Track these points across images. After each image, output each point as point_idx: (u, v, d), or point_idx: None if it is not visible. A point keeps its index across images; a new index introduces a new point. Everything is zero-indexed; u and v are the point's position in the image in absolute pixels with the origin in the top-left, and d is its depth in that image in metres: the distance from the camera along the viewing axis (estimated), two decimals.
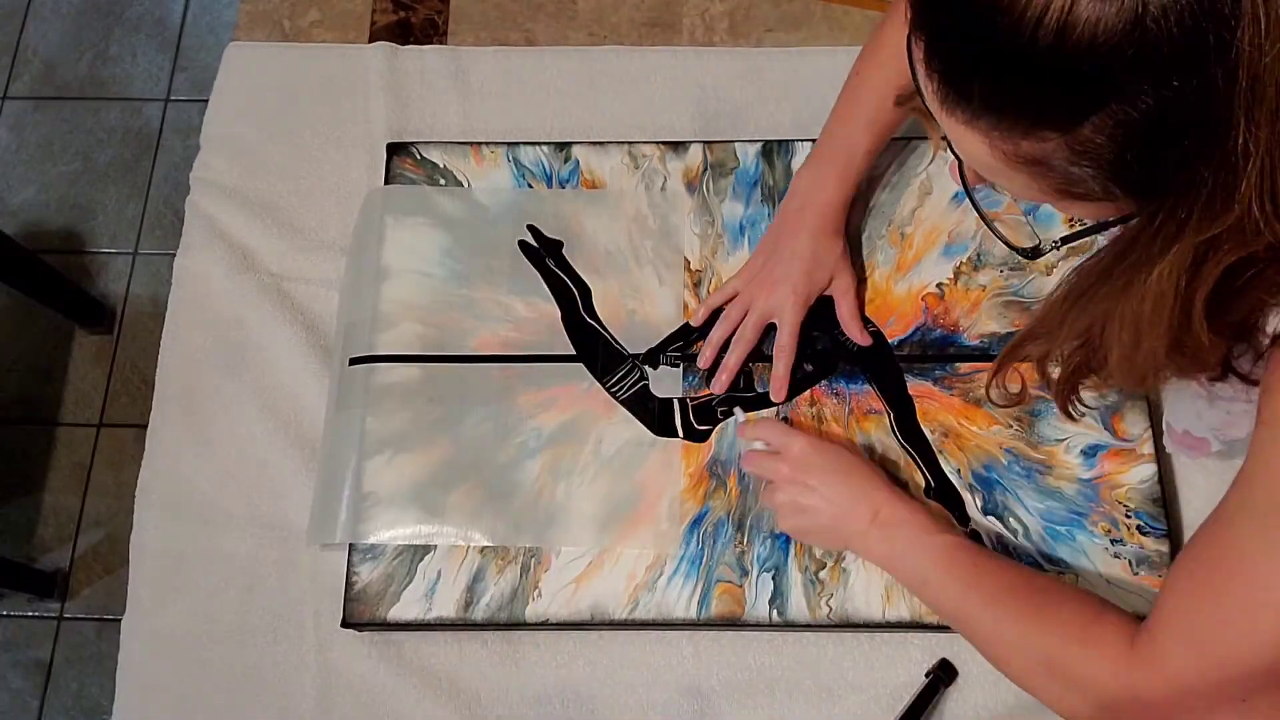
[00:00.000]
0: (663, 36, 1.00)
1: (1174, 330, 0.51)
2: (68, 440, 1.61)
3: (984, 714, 0.76)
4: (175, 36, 1.88)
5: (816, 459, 0.75)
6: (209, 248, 0.92)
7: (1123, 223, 0.51)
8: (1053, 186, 0.49)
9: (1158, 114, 0.42)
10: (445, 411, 0.83)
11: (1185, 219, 0.45)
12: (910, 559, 0.71)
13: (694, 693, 0.78)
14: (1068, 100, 0.44)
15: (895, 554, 0.72)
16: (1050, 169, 0.48)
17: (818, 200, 0.81)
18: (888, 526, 0.72)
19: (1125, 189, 0.47)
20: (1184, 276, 0.48)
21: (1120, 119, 0.43)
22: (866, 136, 0.80)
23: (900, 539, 0.71)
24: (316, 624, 0.81)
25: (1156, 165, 0.45)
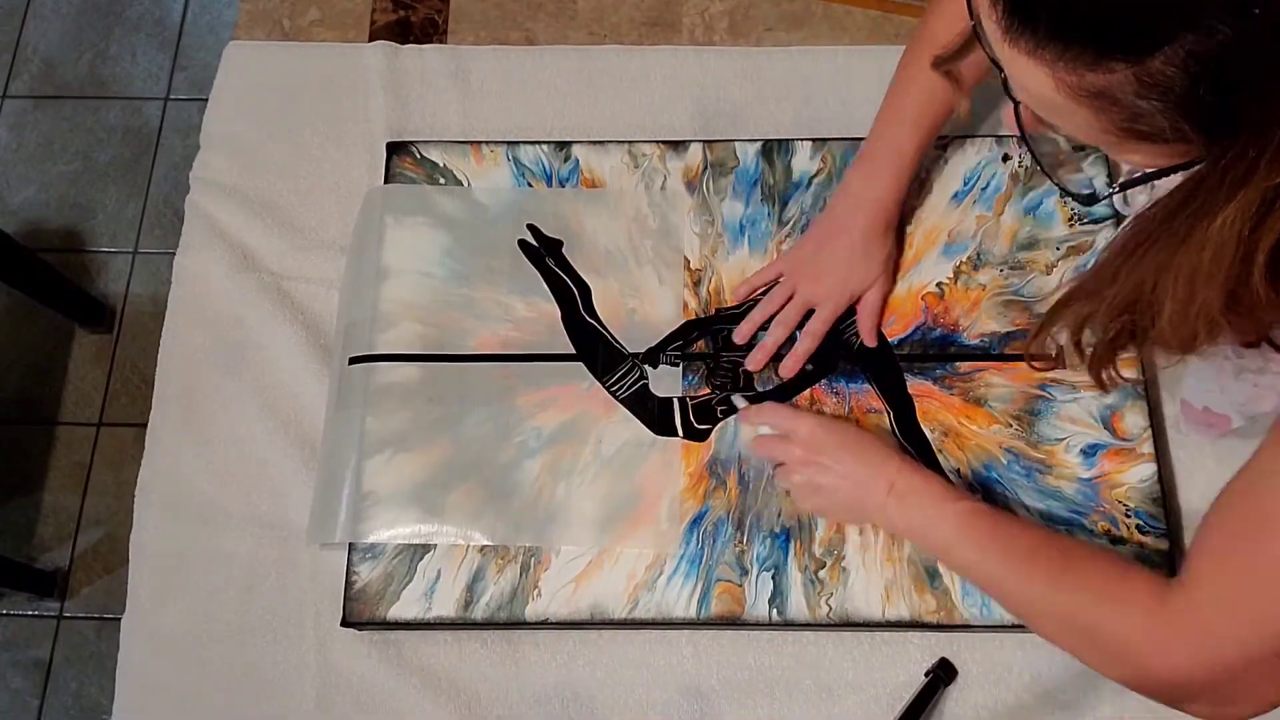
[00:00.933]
0: (663, 36, 1.00)
1: (1232, 284, 0.49)
2: (67, 440, 1.61)
3: (984, 714, 0.76)
4: (175, 36, 1.88)
5: (827, 437, 0.74)
6: (209, 247, 0.92)
7: (1185, 169, 0.49)
8: (1116, 124, 0.48)
9: (1235, 46, 0.41)
10: (445, 411, 0.82)
11: (1255, 161, 0.44)
12: (930, 528, 0.70)
13: (694, 692, 0.78)
14: (1139, 28, 0.42)
15: (915, 524, 0.71)
16: (1115, 104, 0.46)
17: (869, 198, 0.81)
18: (905, 497, 0.71)
19: (1195, 126, 0.45)
20: (1248, 225, 0.46)
21: (1194, 50, 0.41)
22: (915, 133, 0.80)
23: (918, 509, 0.71)
24: (316, 623, 0.81)
25: (1230, 102, 0.43)
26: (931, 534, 0.70)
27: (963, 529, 0.69)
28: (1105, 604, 0.62)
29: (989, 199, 0.88)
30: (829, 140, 0.91)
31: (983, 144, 0.89)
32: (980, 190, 0.88)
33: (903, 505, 0.71)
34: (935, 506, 0.70)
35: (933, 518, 0.70)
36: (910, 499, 0.71)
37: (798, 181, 0.89)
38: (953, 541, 0.69)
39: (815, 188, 0.89)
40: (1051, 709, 0.76)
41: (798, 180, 0.89)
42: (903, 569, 0.77)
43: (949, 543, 0.70)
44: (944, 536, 0.70)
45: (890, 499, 0.71)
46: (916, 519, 0.71)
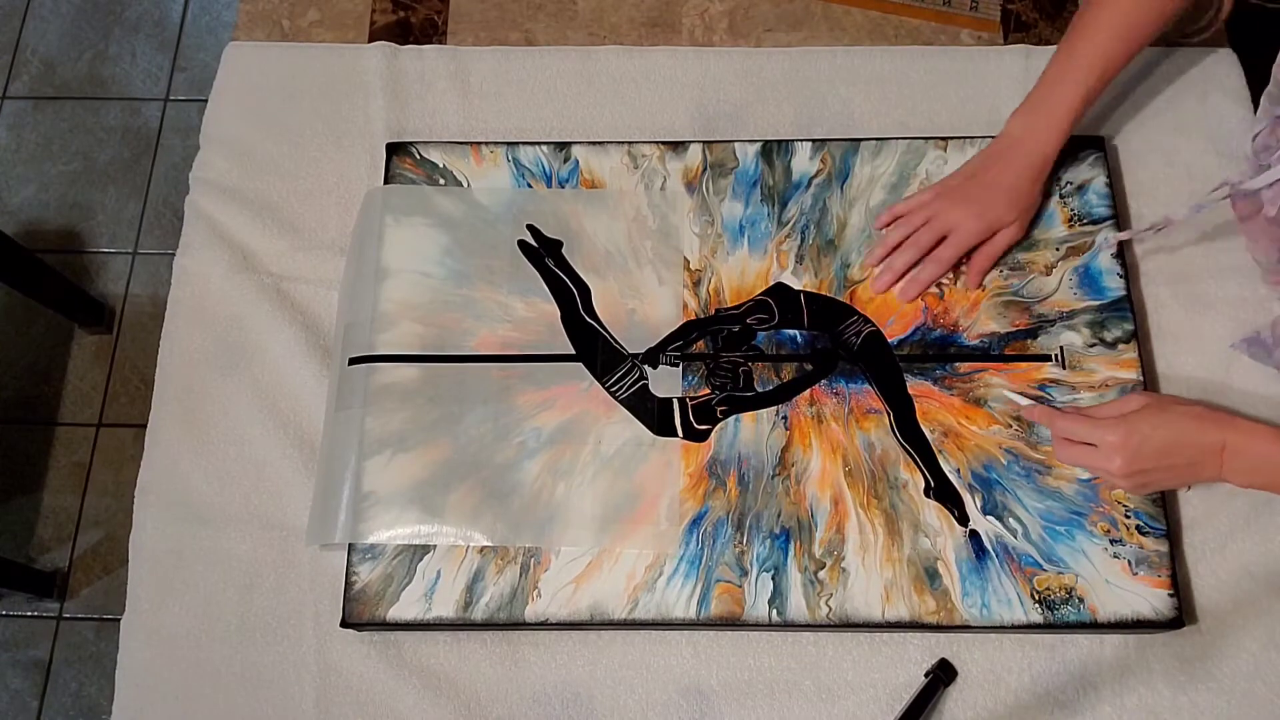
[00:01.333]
0: (662, 36, 1.00)
1: None
2: (67, 440, 1.61)
3: (984, 714, 0.76)
4: (175, 36, 1.88)
5: (1141, 445, 0.72)
6: (208, 247, 0.92)
7: None
8: None
9: None
10: (445, 411, 0.83)
11: None
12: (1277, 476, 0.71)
13: (693, 693, 0.78)
14: None
15: (1261, 483, 0.71)
16: None
17: (1027, 145, 0.82)
18: (1242, 464, 0.71)
19: None
20: None
21: None
22: (1079, 90, 0.80)
23: (1264, 470, 0.71)
24: (316, 624, 0.81)
25: None
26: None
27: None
28: None
29: None
30: (829, 141, 0.91)
31: (982, 144, 0.89)
32: None
33: (1243, 470, 0.71)
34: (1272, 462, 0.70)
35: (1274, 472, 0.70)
36: (1250, 464, 0.71)
37: (797, 182, 0.89)
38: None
39: (815, 188, 0.89)
40: (1051, 709, 0.76)
41: (797, 181, 0.89)
42: (902, 570, 0.77)
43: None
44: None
45: (1226, 469, 0.71)
46: (1265, 477, 0.71)
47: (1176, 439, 0.72)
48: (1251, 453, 0.70)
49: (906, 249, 0.84)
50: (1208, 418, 0.72)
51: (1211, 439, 0.71)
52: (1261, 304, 0.86)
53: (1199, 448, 0.71)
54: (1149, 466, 0.72)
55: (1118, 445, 0.71)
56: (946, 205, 0.83)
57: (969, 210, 0.82)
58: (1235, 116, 0.93)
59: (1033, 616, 0.76)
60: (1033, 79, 0.82)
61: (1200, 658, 0.77)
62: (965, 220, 0.82)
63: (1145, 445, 0.71)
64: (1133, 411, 0.73)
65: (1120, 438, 0.71)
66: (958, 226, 0.82)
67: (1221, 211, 0.89)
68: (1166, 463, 0.72)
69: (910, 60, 0.96)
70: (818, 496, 0.80)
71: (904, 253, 0.84)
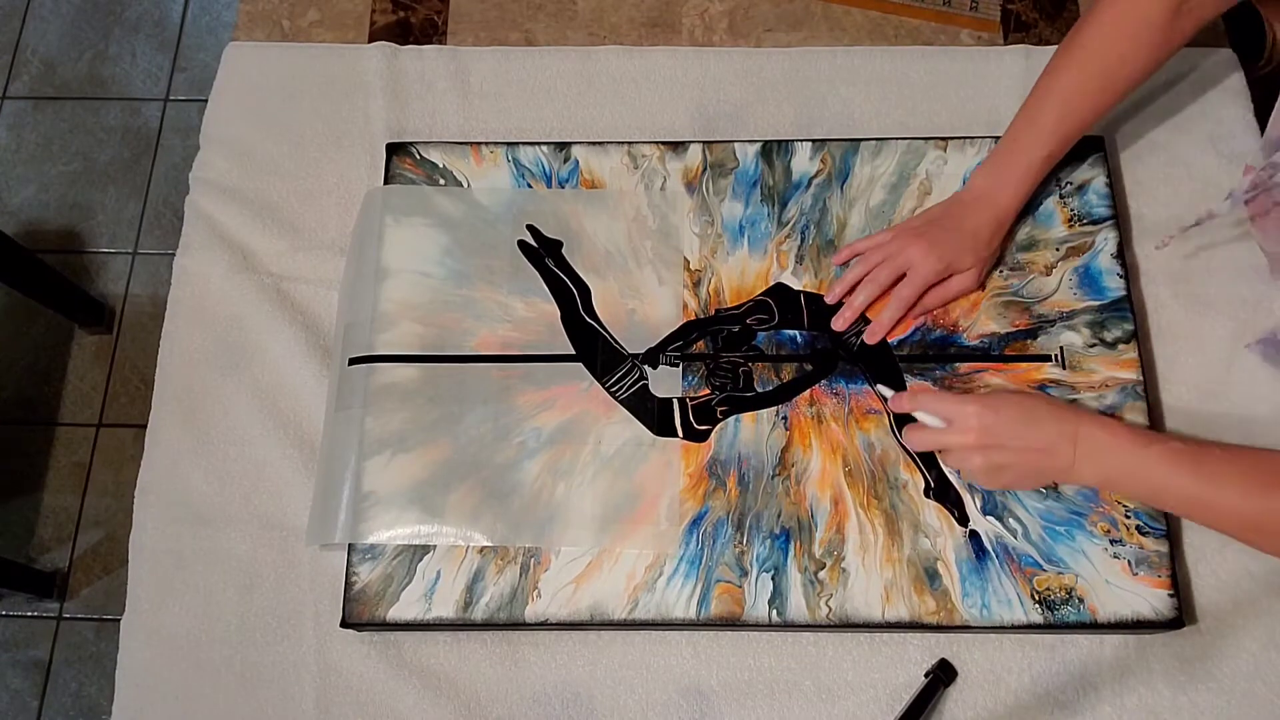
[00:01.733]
0: (662, 36, 1.00)
1: None
2: (67, 440, 1.61)
3: (984, 714, 0.76)
4: (175, 36, 1.88)
5: (995, 417, 0.72)
6: (208, 247, 0.92)
7: None
8: None
9: None
10: (445, 411, 0.83)
11: None
12: (1133, 475, 0.70)
13: (693, 693, 0.78)
14: None
15: (1113, 475, 0.71)
16: None
17: (994, 199, 0.82)
18: (1094, 454, 0.70)
19: None
20: None
21: None
22: (1049, 143, 0.80)
23: (1114, 461, 0.70)
24: (316, 624, 0.81)
25: None
26: (1137, 481, 0.70)
27: (1173, 466, 0.68)
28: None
29: None
30: (829, 141, 0.91)
31: (983, 144, 0.89)
32: None
33: (1094, 461, 0.70)
34: (1132, 454, 0.69)
35: (1133, 465, 0.69)
36: (1101, 455, 0.70)
37: (797, 182, 0.89)
38: (1165, 481, 0.68)
39: (815, 188, 0.89)
40: (1051, 709, 0.76)
41: (797, 181, 0.89)
42: (902, 570, 0.77)
43: (1161, 484, 0.69)
44: (1153, 480, 0.69)
45: (1079, 457, 0.71)
46: (1114, 471, 0.70)
47: (1032, 416, 0.72)
48: (1102, 439, 0.70)
49: (866, 285, 0.83)
50: (1066, 406, 0.73)
51: (1067, 422, 0.71)
52: (1261, 304, 0.86)
53: (1054, 431, 0.71)
54: (1003, 443, 0.72)
55: (973, 415, 0.72)
56: (904, 244, 0.82)
57: (928, 250, 0.81)
58: (1235, 116, 0.93)
59: (1033, 617, 0.76)
60: (1033, 79, 0.82)
61: (1200, 658, 0.77)
62: (923, 259, 0.81)
63: (1000, 417, 0.72)
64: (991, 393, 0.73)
65: (976, 409, 0.72)
66: (915, 264, 0.82)
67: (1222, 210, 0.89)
68: (1021, 443, 0.72)
69: (910, 60, 0.96)
70: (818, 497, 0.80)
71: (864, 289, 0.83)
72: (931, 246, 0.81)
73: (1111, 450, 0.70)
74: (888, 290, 0.83)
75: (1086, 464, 0.71)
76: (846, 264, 0.86)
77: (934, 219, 0.83)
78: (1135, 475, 0.70)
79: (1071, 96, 0.79)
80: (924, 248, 0.81)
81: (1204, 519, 0.70)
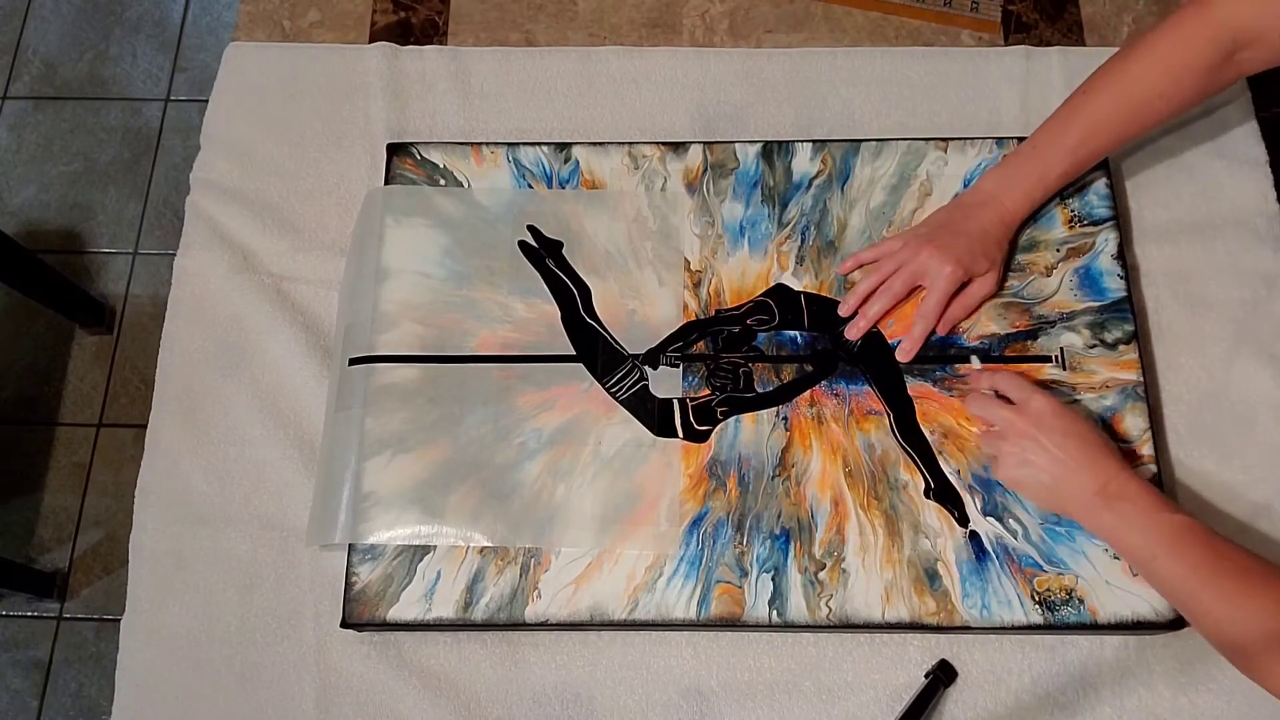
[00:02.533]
0: (663, 37, 1.00)
1: None
2: (67, 440, 1.61)
3: (984, 715, 0.76)
4: (175, 37, 1.88)
5: (1056, 419, 0.73)
6: (209, 248, 0.92)
7: None
8: None
9: None
10: (445, 412, 0.83)
11: None
12: (1139, 535, 0.69)
13: (693, 693, 0.78)
14: None
15: (1122, 528, 0.70)
16: None
17: (1002, 203, 0.81)
18: (1117, 500, 0.70)
19: None
20: None
21: None
22: (1068, 160, 0.79)
23: (1130, 514, 0.69)
24: (316, 624, 0.81)
25: None
26: (1136, 541, 0.69)
27: (1175, 542, 0.68)
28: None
29: None
30: (829, 141, 0.91)
31: (983, 145, 0.89)
32: None
33: (1112, 507, 0.70)
34: (1147, 515, 0.69)
35: (1140, 526, 0.69)
36: (1122, 503, 0.70)
37: (798, 183, 0.89)
38: (1160, 552, 0.68)
39: (815, 189, 0.89)
40: (1051, 710, 0.76)
41: (798, 182, 0.89)
42: (902, 571, 0.77)
43: (1155, 553, 0.68)
44: (1150, 546, 0.69)
45: (1099, 497, 0.70)
46: (1122, 524, 0.70)
47: (1085, 437, 0.72)
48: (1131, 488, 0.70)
49: (881, 296, 0.82)
50: (1119, 453, 0.73)
51: (1110, 459, 0.72)
52: (1261, 304, 0.86)
53: (1094, 458, 0.71)
54: (1043, 442, 0.72)
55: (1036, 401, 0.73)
56: (916, 250, 0.81)
57: (942, 256, 0.80)
58: (1235, 117, 0.93)
59: (1033, 617, 0.76)
60: (1033, 80, 0.82)
61: (1200, 659, 0.77)
62: (939, 265, 0.80)
63: (1058, 421, 0.73)
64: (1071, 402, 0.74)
65: (1043, 400, 0.73)
66: (932, 272, 0.81)
67: (1222, 211, 0.89)
68: (1059, 451, 0.72)
69: (910, 61, 0.96)
70: (818, 497, 0.80)
71: (878, 300, 0.82)
72: (945, 251, 0.80)
73: (1132, 504, 0.70)
74: (902, 298, 0.83)
75: (1104, 507, 0.70)
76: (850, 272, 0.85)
77: (941, 223, 0.83)
78: (1136, 534, 0.69)
79: (1101, 121, 0.78)
80: (937, 253, 0.80)
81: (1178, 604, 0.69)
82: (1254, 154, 0.91)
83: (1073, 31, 0.99)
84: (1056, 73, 0.94)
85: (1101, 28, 0.99)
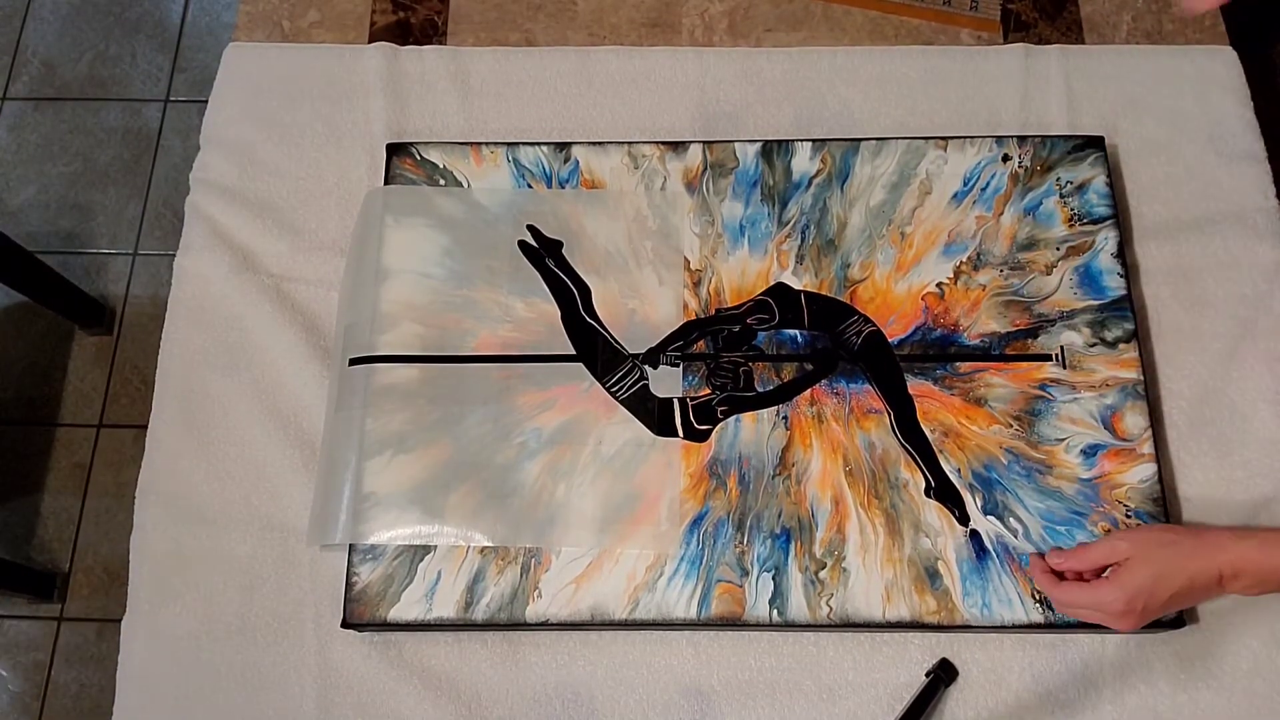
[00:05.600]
0: (662, 37, 1.00)
1: None
2: (67, 441, 1.61)
3: (985, 714, 0.76)
4: (175, 37, 1.88)
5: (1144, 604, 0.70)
6: (209, 248, 0.92)
7: None
8: None
9: None
10: (445, 412, 0.83)
11: None
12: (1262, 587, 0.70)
13: (694, 693, 0.78)
14: None
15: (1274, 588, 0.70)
16: None
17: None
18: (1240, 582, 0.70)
19: None
20: None
21: None
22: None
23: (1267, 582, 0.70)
24: (317, 624, 0.81)
25: None
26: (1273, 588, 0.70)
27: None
28: None
29: (989, 199, 0.88)
30: (829, 141, 0.91)
31: (983, 144, 0.89)
32: (980, 191, 0.88)
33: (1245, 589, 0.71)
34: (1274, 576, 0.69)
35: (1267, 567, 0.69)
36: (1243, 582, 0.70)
37: (797, 182, 0.89)
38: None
39: (815, 188, 0.89)
40: (1052, 709, 0.76)
41: (797, 181, 0.89)
42: (903, 570, 0.77)
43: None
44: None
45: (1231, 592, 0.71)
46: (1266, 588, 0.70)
47: (1174, 588, 0.70)
48: (1248, 574, 0.70)
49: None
50: (1197, 553, 0.70)
51: (1206, 575, 0.70)
52: (1261, 301, 0.86)
53: (1199, 587, 0.70)
54: (1157, 614, 0.72)
55: (1122, 612, 0.71)
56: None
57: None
58: (1235, 116, 0.93)
59: (1033, 616, 0.76)
60: (1033, 78, 0.82)
61: (1201, 656, 0.77)
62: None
63: (1150, 603, 0.70)
64: (1122, 566, 0.71)
65: (1122, 604, 0.70)
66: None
67: (1221, 209, 0.89)
68: (1171, 606, 0.71)
69: (910, 60, 0.96)
70: (818, 496, 0.80)
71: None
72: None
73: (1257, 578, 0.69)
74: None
75: (1241, 591, 0.71)
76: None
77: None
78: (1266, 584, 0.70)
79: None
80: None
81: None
82: (1253, 150, 0.91)
83: (1072, 30, 0.99)
84: (1056, 71, 0.95)
85: (1101, 26, 0.99)
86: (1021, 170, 0.88)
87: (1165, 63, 0.95)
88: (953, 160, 0.89)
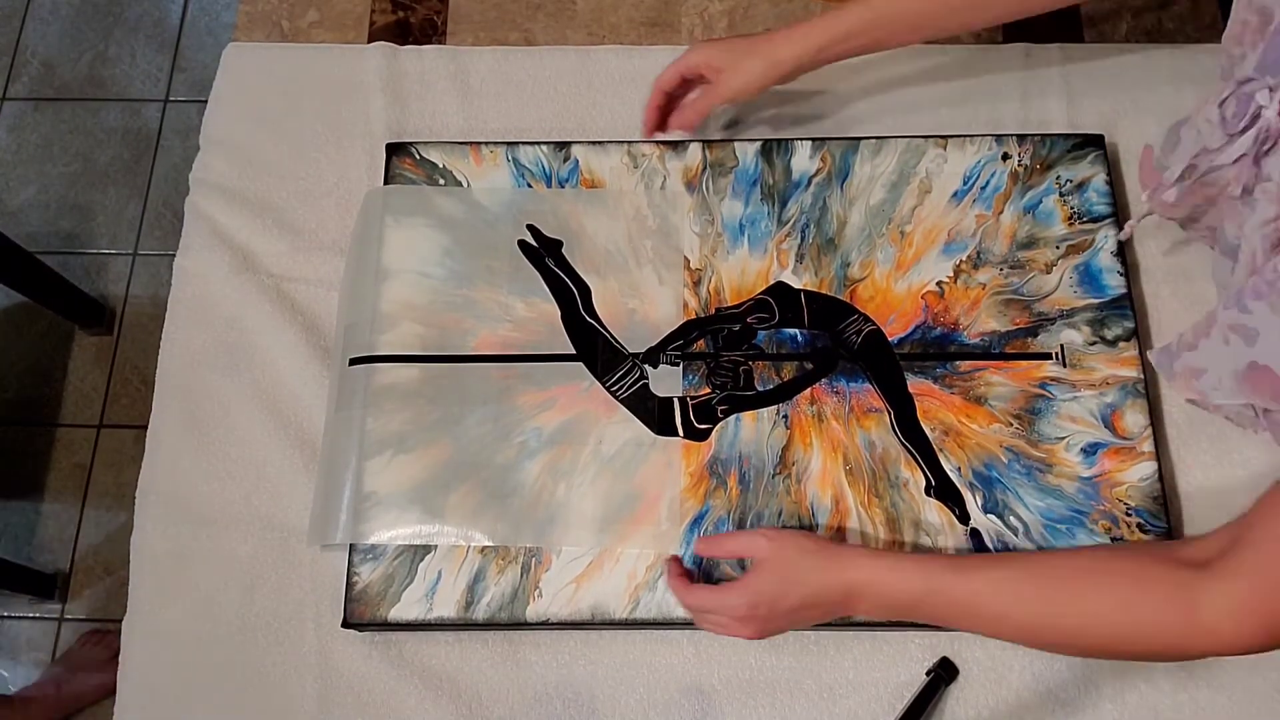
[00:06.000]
0: (662, 36, 1.00)
1: None
2: (68, 441, 1.61)
3: (985, 712, 0.76)
4: (174, 37, 1.88)
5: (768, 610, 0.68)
6: (209, 248, 0.92)
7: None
8: None
9: None
10: (445, 412, 0.83)
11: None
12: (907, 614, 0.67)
13: (695, 692, 0.78)
14: None
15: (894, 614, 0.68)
16: None
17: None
18: (865, 602, 0.67)
19: None
20: None
21: None
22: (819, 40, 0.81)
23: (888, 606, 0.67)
24: (317, 624, 0.81)
25: None
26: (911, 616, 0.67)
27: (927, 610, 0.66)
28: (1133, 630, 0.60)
29: (988, 198, 0.88)
30: (828, 140, 0.91)
31: (982, 143, 0.89)
32: (980, 189, 0.88)
33: (870, 611, 0.68)
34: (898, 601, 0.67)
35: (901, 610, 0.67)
36: (867, 603, 0.67)
37: (797, 181, 0.89)
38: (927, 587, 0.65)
39: (815, 187, 0.89)
40: (1052, 707, 0.76)
41: (797, 180, 0.89)
42: None
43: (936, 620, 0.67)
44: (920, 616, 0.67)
45: (858, 612, 0.68)
46: (887, 613, 0.68)
47: (799, 597, 0.68)
48: (872, 594, 0.67)
49: None
50: (829, 567, 0.67)
51: (833, 589, 0.67)
52: None
53: (826, 602, 0.68)
54: (781, 625, 0.69)
55: (744, 616, 0.68)
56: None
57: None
58: None
59: None
60: (1032, 77, 0.82)
61: None
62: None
63: (773, 610, 0.68)
64: (752, 569, 0.69)
65: (745, 609, 0.68)
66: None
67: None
68: (798, 617, 0.69)
69: (910, 59, 0.96)
70: (819, 495, 0.80)
71: None
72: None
73: (879, 600, 0.67)
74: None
75: (866, 613, 0.68)
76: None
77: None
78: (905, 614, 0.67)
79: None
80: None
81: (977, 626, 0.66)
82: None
83: (1072, 28, 0.99)
84: (1056, 69, 0.95)
85: (1101, 24, 0.99)
86: (1021, 169, 0.88)
87: (1165, 62, 0.95)
88: (952, 159, 0.89)
